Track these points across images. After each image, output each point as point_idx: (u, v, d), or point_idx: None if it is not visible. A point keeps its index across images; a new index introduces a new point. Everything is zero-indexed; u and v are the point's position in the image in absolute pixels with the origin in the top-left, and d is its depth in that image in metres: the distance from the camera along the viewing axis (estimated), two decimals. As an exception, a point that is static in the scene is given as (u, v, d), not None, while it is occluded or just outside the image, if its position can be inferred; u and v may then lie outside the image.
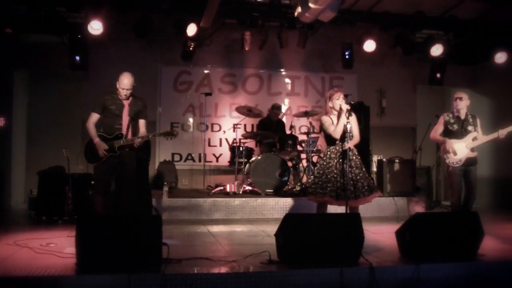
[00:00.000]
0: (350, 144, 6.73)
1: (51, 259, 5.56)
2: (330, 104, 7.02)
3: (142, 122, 7.09)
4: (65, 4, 9.75)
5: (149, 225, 5.25)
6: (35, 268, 5.00)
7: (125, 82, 6.83)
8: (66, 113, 11.14)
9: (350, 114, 6.71)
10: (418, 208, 9.79)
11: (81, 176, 8.65)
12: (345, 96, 7.17)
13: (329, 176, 6.83)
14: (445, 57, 11.93)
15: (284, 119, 11.62)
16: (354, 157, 6.87)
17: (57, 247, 6.17)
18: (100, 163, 6.82)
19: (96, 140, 6.81)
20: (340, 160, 6.79)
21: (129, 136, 6.86)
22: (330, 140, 7.01)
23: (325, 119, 7.03)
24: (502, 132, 7.36)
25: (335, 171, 6.80)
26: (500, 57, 11.19)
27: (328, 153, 6.97)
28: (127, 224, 5.17)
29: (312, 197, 7.00)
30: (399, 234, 6.04)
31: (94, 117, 6.94)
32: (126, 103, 6.92)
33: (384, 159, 10.37)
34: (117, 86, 6.88)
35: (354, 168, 6.81)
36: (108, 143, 6.80)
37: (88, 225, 5.13)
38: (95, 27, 9.69)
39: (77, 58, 10.41)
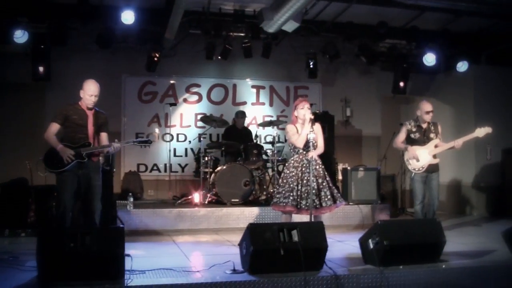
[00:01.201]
0: (313, 154, 6.76)
1: (12, 272, 5.46)
2: (295, 113, 7.06)
3: (104, 135, 6.84)
4: (27, 14, 9.63)
5: (112, 236, 5.19)
6: (-5, 282, 4.92)
7: (92, 88, 6.58)
8: (28, 124, 10.95)
9: (313, 123, 6.78)
10: (383, 215, 9.85)
11: (45, 188, 8.50)
12: (311, 106, 7.19)
13: (292, 186, 6.85)
14: (408, 66, 12.11)
15: (250, 128, 11.62)
16: (317, 167, 6.90)
17: (18, 260, 6.06)
18: (63, 171, 6.44)
19: (60, 146, 6.45)
20: (303, 169, 6.83)
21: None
22: (294, 149, 7.04)
23: (290, 127, 7.05)
24: (458, 142, 7.52)
25: (298, 180, 6.82)
26: (462, 66, 11.40)
27: (292, 162, 7.00)
28: (89, 236, 5.09)
29: (275, 207, 7.01)
30: (362, 242, 6.09)
31: (54, 127, 6.57)
32: (90, 113, 6.68)
33: (349, 168, 10.42)
34: (82, 94, 6.61)
35: (317, 178, 6.84)
36: (73, 150, 6.48)
37: (49, 237, 5.05)
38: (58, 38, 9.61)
39: (40, 68, 10.27)
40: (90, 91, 6.59)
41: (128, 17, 9.49)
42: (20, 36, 9.58)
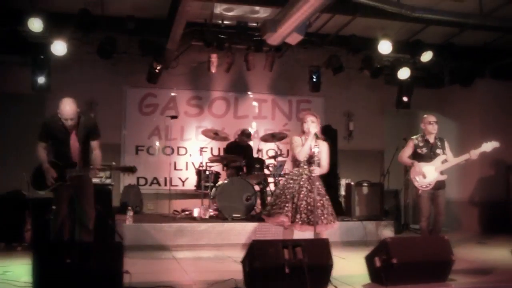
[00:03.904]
0: (316, 173, 6.58)
1: (6, 288, 5.31)
2: (303, 127, 6.87)
3: (95, 144, 6.63)
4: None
5: (110, 251, 5.03)
6: (-12, 299, 4.75)
7: (67, 110, 6.29)
8: (27, 135, 10.74)
9: (317, 138, 6.61)
10: (387, 232, 9.69)
11: (42, 200, 8.31)
12: (317, 119, 7.00)
13: (287, 197, 6.61)
14: (412, 80, 12.00)
15: (251, 143, 11.49)
16: (318, 182, 6.67)
17: (13, 275, 5.90)
18: (56, 187, 6.40)
19: (46, 166, 6.37)
20: (301, 183, 6.62)
21: (82, 163, 6.48)
22: (295, 161, 6.85)
23: (296, 139, 6.84)
24: (474, 153, 7.34)
25: (294, 193, 6.60)
26: (466, 81, 11.28)
27: (291, 174, 6.80)
28: (86, 251, 4.93)
29: (267, 218, 6.75)
30: (368, 259, 5.92)
31: (41, 146, 6.50)
32: (71, 128, 6.42)
33: (352, 183, 10.27)
34: (59, 114, 6.37)
35: (315, 194, 6.59)
36: (59, 170, 6.37)
37: (45, 252, 4.88)
38: (59, 47, 9.52)
39: (40, 79, 10.17)
40: (65, 115, 6.32)
41: (129, 27, 9.40)
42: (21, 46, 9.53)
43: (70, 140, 6.45)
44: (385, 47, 10.45)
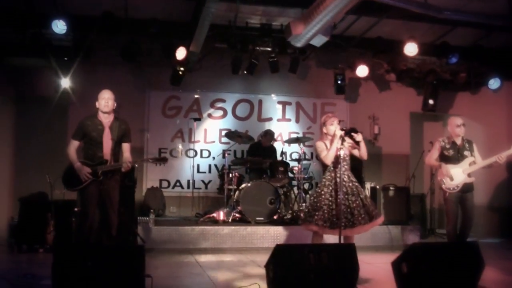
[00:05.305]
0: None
1: (27, 291, 5.28)
2: (324, 130, 6.76)
3: (126, 146, 6.78)
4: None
5: (132, 255, 4.94)
6: (9, 302, 4.71)
7: (104, 93, 6.66)
8: (51, 138, 10.81)
9: (343, 140, 6.48)
10: (413, 237, 9.52)
11: (65, 203, 8.38)
12: (340, 122, 6.91)
13: (319, 204, 6.50)
14: (437, 83, 11.81)
15: (275, 146, 11.39)
16: (350, 184, 6.56)
17: (35, 278, 5.87)
18: (83, 188, 6.45)
19: (77, 164, 6.47)
20: (336, 187, 6.49)
21: (112, 162, 6.58)
22: (324, 166, 6.72)
23: (319, 144, 6.75)
24: (501, 156, 7.15)
25: (330, 198, 6.49)
26: (494, 83, 11.08)
27: (324, 181, 6.65)
28: (108, 254, 4.86)
29: (308, 226, 6.59)
30: (395, 265, 5.76)
31: (74, 144, 6.63)
32: (107, 125, 6.61)
33: (377, 186, 10.12)
34: (97, 105, 6.64)
35: (350, 195, 6.50)
36: (91, 168, 6.47)
37: (67, 254, 4.81)
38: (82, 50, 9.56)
39: (64, 82, 10.18)
40: (102, 95, 6.64)
41: (153, 30, 9.38)
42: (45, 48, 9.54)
43: (103, 137, 6.57)
44: (411, 49, 10.29)
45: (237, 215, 9.74)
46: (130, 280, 4.80)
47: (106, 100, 6.59)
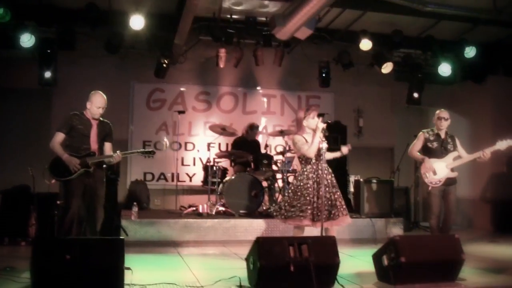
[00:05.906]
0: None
1: (6, 284, 5.25)
2: (304, 123, 6.72)
3: (108, 145, 6.87)
4: (35, 18, 9.46)
5: (111, 248, 4.92)
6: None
7: (100, 100, 6.66)
8: (33, 130, 10.74)
9: (326, 133, 6.48)
10: (396, 230, 9.54)
11: (47, 195, 8.29)
12: (319, 116, 6.89)
13: (308, 198, 6.48)
14: (423, 76, 11.84)
15: (259, 139, 11.37)
16: (329, 176, 6.59)
17: (15, 271, 5.82)
18: (68, 180, 6.47)
19: (65, 156, 6.48)
20: (318, 180, 6.48)
21: (98, 154, 6.65)
22: (305, 160, 6.70)
23: (298, 138, 6.68)
24: (486, 152, 7.16)
25: (314, 192, 6.47)
26: (470, 51, 10.89)
27: (305, 173, 6.62)
28: (87, 247, 4.84)
29: (290, 220, 6.57)
30: (376, 258, 5.80)
31: (60, 136, 6.62)
32: (94, 123, 6.70)
33: (361, 179, 10.13)
34: (89, 106, 6.67)
35: (331, 187, 6.53)
36: (79, 160, 6.51)
37: (45, 247, 4.79)
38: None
39: (47, 73, 10.07)
40: (98, 103, 6.66)
41: (137, 22, 9.29)
42: (27, 40, 9.40)
43: (91, 134, 6.66)
44: (366, 45, 10.41)
45: (220, 208, 9.72)
46: (109, 273, 4.79)
47: (100, 109, 6.68)
